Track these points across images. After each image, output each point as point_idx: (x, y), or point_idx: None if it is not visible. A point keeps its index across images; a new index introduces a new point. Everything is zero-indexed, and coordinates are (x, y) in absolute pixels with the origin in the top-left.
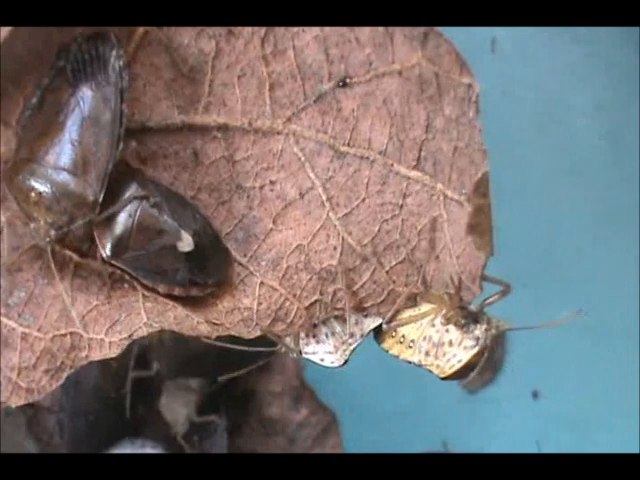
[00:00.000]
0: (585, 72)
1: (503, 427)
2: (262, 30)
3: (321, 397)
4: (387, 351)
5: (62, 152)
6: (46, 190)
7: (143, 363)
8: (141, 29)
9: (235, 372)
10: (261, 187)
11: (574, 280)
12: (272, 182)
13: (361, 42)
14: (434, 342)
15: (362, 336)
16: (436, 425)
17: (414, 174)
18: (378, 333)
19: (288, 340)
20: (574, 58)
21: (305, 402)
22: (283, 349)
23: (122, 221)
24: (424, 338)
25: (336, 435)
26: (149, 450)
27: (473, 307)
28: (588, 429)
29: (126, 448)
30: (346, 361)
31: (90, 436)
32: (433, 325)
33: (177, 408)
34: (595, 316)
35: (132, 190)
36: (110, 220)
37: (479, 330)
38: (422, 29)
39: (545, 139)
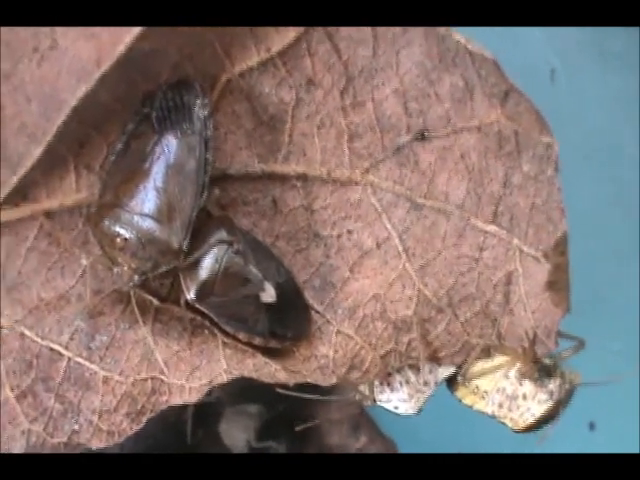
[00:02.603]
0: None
1: None
2: (342, 82)
3: (380, 425)
4: (460, 400)
5: (147, 199)
6: (131, 236)
7: None
8: (224, 78)
9: (310, 423)
10: (338, 236)
11: (621, 309)
12: (349, 231)
13: (440, 97)
14: (508, 394)
15: (436, 384)
16: None
17: (491, 228)
18: (451, 382)
19: (362, 388)
20: (624, 88)
21: (364, 430)
22: (357, 397)
23: (208, 266)
24: (498, 390)
25: None
26: None
27: (547, 361)
28: None
29: None
30: (420, 409)
31: None
32: (507, 377)
33: (236, 433)
34: None
35: (219, 235)
36: (196, 264)
37: (553, 384)
38: (503, 87)
39: (592, 168)
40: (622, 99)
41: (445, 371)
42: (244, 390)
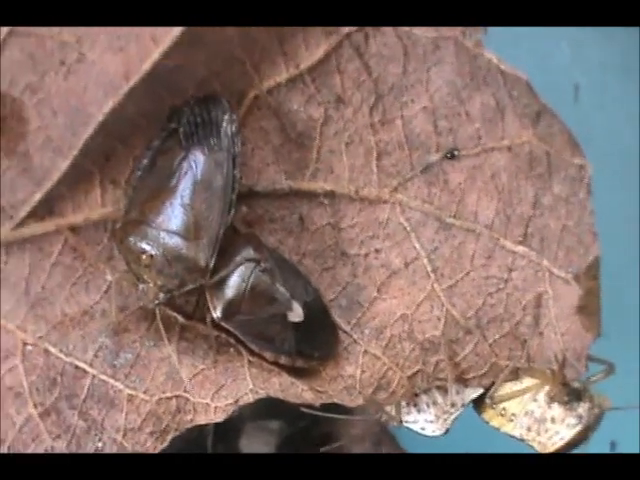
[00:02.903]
0: None
1: None
2: (371, 99)
3: (401, 442)
4: (487, 422)
5: (174, 215)
6: (158, 253)
7: None
8: (251, 94)
9: (335, 444)
10: (366, 255)
11: None
12: (377, 250)
13: (471, 116)
14: (536, 417)
15: (463, 406)
16: None
17: (520, 249)
18: (479, 403)
19: (389, 408)
20: None
21: (385, 447)
22: (384, 417)
23: (235, 284)
24: (526, 413)
25: None
26: None
27: (576, 384)
28: None
29: None
30: (447, 430)
31: None
32: (535, 400)
33: (257, 449)
34: None
35: (246, 253)
36: (223, 283)
37: (582, 408)
38: (535, 108)
39: (618, 183)
40: None
41: (472, 392)
42: (265, 406)
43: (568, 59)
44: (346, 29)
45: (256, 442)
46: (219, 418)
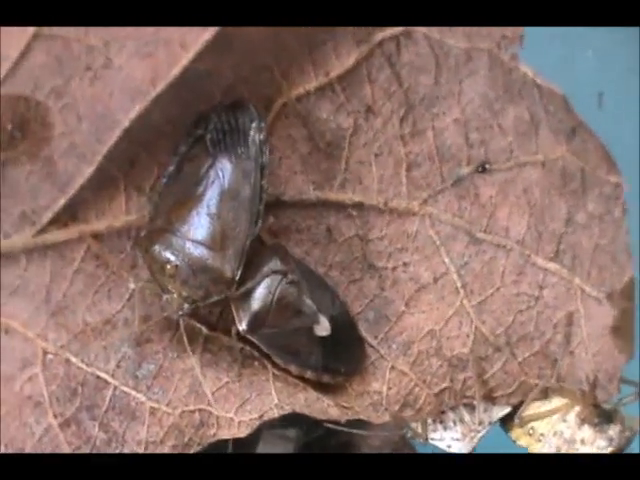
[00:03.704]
0: None
1: None
2: (402, 110)
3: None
4: (515, 441)
5: (200, 225)
6: (183, 263)
7: None
8: (279, 101)
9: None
10: (394, 268)
11: None
12: (405, 264)
13: (504, 129)
14: (565, 438)
15: (490, 424)
16: None
17: (552, 266)
18: (506, 421)
19: (415, 425)
20: None
21: None
22: (409, 434)
23: (261, 296)
24: (554, 433)
25: None
26: None
27: (607, 406)
28: None
29: None
30: (473, 448)
31: None
32: (565, 421)
33: None
34: None
35: (273, 265)
36: (249, 294)
37: (613, 430)
38: (571, 123)
39: None
40: None
41: (500, 411)
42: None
43: (592, 65)
44: (379, 37)
45: (273, 450)
46: (243, 433)
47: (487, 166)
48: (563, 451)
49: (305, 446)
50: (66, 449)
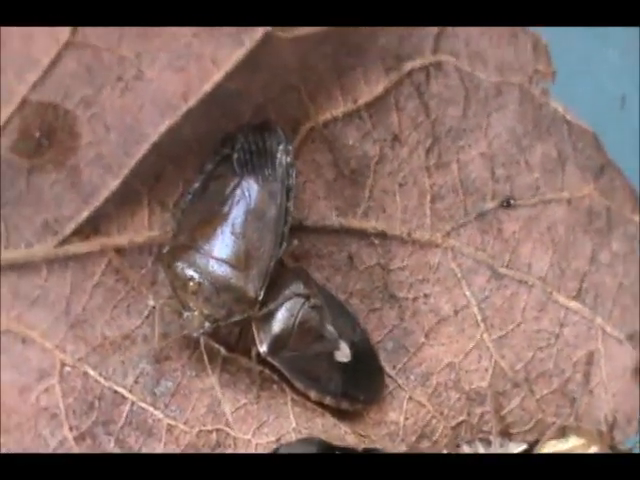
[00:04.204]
0: None
1: None
2: (428, 140)
3: None
4: None
5: (225, 243)
6: (206, 281)
7: None
8: (306, 125)
9: None
10: (414, 299)
11: None
12: (426, 295)
13: (530, 165)
14: None
15: None
16: None
17: (573, 305)
18: None
19: None
20: None
21: None
22: None
23: (283, 319)
24: None
25: None
26: None
27: (624, 447)
28: None
29: None
30: None
31: None
32: None
33: None
34: None
35: (295, 288)
36: (270, 317)
37: None
38: (599, 162)
39: None
40: None
41: (516, 447)
42: None
43: (616, 66)
44: (408, 66)
45: (295, 451)
46: None
47: (512, 201)
48: None
49: (328, 449)
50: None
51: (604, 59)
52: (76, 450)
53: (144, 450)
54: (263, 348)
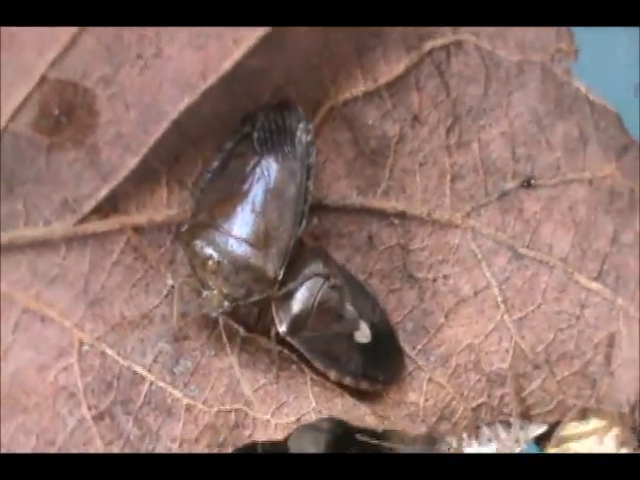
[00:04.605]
0: None
1: None
2: (448, 120)
3: None
4: None
5: (244, 222)
6: (225, 260)
7: None
8: (327, 104)
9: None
10: (434, 279)
11: None
12: (445, 276)
13: (552, 144)
14: None
15: (526, 442)
16: None
17: (595, 286)
18: (542, 440)
19: (449, 439)
20: None
21: None
22: (443, 448)
23: (303, 299)
24: None
25: None
26: None
27: None
28: None
29: None
30: None
31: None
32: (602, 443)
33: (306, 446)
34: None
35: (315, 267)
36: (290, 296)
37: None
38: (622, 141)
39: None
40: None
41: (536, 429)
42: None
43: (631, 57)
44: (429, 45)
45: (305, 439)
46: (279, 436)
47: (532, 181)
48: None
49: (338, 438)
50: (98, 442)
51: (617, 48)
52: (94, 431)
53: (162, 430)
54: (282, 328)
